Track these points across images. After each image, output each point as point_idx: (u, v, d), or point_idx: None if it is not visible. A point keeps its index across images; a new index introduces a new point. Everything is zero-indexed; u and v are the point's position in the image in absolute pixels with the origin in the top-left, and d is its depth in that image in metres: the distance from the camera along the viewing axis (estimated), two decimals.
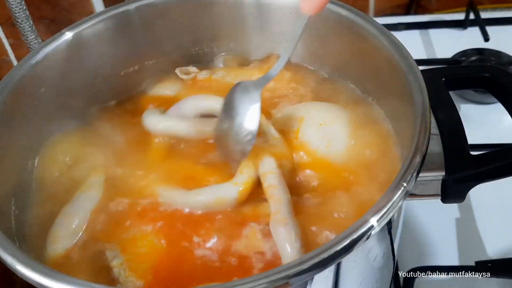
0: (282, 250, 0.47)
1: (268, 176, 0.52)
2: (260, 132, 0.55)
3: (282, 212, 0.48)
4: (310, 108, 0.59)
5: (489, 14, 1.00)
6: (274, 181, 0.51)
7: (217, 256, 0.48)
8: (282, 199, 0.50)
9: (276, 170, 0.52)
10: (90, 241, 0.50)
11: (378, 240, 0.46)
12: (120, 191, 0.53)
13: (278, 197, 0.50)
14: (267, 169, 0.52)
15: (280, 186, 0.51)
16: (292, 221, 0.48)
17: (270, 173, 0.52)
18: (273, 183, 0.51)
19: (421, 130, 0.44)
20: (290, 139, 0.56)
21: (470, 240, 0.67)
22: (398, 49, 0.52)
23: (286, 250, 0.46)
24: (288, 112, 0.59)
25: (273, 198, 0.50)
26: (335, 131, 0.56)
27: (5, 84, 0.54)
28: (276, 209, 0.49)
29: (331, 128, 0.56)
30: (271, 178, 0.51)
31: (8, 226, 0.50)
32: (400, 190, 0.41)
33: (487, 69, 0.54)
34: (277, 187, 0.51)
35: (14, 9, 0.77)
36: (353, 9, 0.58)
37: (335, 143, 0.55)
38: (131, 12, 0.62)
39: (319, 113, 0.58)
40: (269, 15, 0.64)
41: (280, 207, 0.49)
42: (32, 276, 0.39)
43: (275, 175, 0.52)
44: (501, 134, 0.77)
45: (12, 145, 0.54)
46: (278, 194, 0.50)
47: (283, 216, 0.48)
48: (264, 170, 0.52)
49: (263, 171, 0.52)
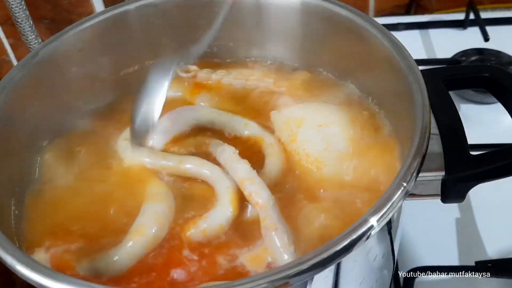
0: (276, 255, 0.46)
1: (246, 183, 0.51)
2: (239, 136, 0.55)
3: (271, 217, 0.48)
4: (309, 109, 0.59)
5: (489, 14, 1.00)
6: (254, 187, 0.50)
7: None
8: (266, 204, 0.49)
9: (252, 175, 0.51)
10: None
11: (378, 240, 0.46)
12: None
13: (262, 203, 0.49)
14: (243, 177, 0.51)
15: (262, 191, 0.50)
16: (281, 226, 0.48)
17: (247, 180, 0.51)
18: (253, 190, 0.50)
19: (421, 130, 0.44)
20: (288, 142, 0.56)
21: (470, 240, 0.67)
22: (398, 49, 0.52)
23: (280, 255, 0.46)
24: (287, 114, 0.59)
25: (258, 205, 0.49)
26: (335, 133, 0.56)
27: (5, 84, 0.54)
28: (264, 215, 0.48)
29: (330, 129, 0.56)
30: (249, 185, 0.50)
31: (8, 226, 0.50)
32: (400, 190, 0.41)
33: (487, 69, 0.54)
34: (258, 193, 0.50)
35: (14, 9, 0.77)
36: (353, 9, 0.58)
37: (334, 144, 0.55)
38: (131, 12, 0.62)
39: (319, 114, 0.58)
40: (269, 15, 0.64)
41: (267, 213, 0.48)
42: (32, 276, 0.39)
43: (252, 181, 0.51)
44: (501, 134, 0.77)
45: (12, 145, 0.54)
46: (261, 200, 0.49)
47: (272, 221, 0.48)
48: (240, 178, 0.51)
49: (240, 179, 0.51)
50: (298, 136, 0.56)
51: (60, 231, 0.51)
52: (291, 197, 0.52)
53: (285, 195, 0.52)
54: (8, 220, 0.51)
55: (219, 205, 0.51)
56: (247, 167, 0.52)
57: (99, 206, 0.53)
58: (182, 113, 0.60)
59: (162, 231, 0.49)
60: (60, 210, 0.53)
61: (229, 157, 0.53)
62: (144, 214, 0.50)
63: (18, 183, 0.54)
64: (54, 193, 0.55)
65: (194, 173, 0.54)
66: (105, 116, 0.63)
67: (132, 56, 0.65)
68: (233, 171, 0.52)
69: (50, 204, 0.54)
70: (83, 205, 0.53)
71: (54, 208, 0.53)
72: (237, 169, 0.52)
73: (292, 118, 0.58)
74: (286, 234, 0.47)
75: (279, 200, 0.50)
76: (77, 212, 0.53)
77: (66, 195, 0.54)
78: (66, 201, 0.54)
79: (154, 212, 0.50)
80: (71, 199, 0.54)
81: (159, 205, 0.51)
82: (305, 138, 0.56)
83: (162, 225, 0.49)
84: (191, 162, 0.54)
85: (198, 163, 0.54)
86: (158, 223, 0.49)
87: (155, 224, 0.49)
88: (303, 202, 0.51)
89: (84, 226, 0.51)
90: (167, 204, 0.51)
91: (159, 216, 0.50)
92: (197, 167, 0.54)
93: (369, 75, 0.59)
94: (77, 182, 0.56)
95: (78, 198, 0.54)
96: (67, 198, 0.54)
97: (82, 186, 0.55)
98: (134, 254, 0.47)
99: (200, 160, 0.54)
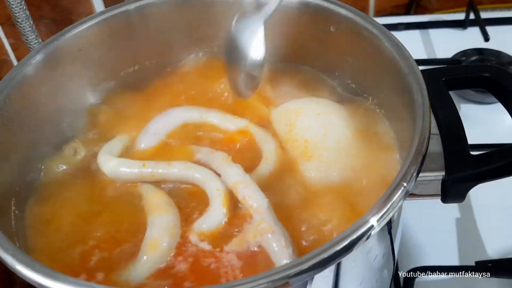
0: (275, 258, 0.46)
1: (239, 187, 0.50)
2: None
3: (267, 220, 0.48)
4: (307, 101, 0.60)
5: (489, 14, 1.00)
6: (247, 191, 0.50)
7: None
8: (261, 206, 0.49)
9: (244, 178, 0.51)
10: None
11: (378, 240, 0.46)
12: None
13: (257, 206, 0.49)
14: (236, 180, 0.51)
15: (255, 194, 0.50)
16: (278, 228, 0.47)
17: (240, 183, 0.51)
18: (247, 193, 0.50)
19: (421, 130, 0.44)
20: (286, 131, 0.56)
21: (470, 240, 0.67)
22: (398, 49, 0.52)
23: (277, 258, 0.46)
24: (286, 106, 0.60)
25: (252, 208, 0.49)
26: (333, 121, 0.56)
27: (5, 84, 0.54)
28: (260, 218, 0.48)
29: (329, 117, 0.56)
30: (243, 188, 0.50)
31: (8, 226, 0.50)
32: (400, 190, 0.41)
33: (487, 69, 0.54)
34: (252, 196, 0.49)
35: (14, 9, 0.77)
36: (353, 9, 0.58)
37: (333, 131, 0.55)
38: (131, 12, 0.62)
39: (316, 105, 0.58)
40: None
41: (263, 215, 0.48)
42: (32, 276, 0.39)
43: (245, 183, 0.50)
44: (501, 134, 0.77)
45: (12, 145, 0.54)
46: (256, 203, 0.49)
47: (269, 224, 0.47)
48: (233, 182, 0.51)
49: (232, 183, 0.51)
50: (296, 124, 0.57)
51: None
52: (287, 195, 0.52)
53: (281, 193, 0.52)
54: (8, 220, 0.51)
55: (211, 209, 0.50)
56: (240, 171, 0.52)
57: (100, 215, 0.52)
58: (173, 114, 0.60)
59: (175, 240, 0.49)
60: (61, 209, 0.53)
61: (221, 161, 0.53)
62: (154, 227, 0.49)
63: (19, 183, 0.54)
64: (55, 192, 0.55)
65: (183, 177, 0.53)
66: (106, 116, 0.63)
67: (132, 56, 0.65)
68: (226, 175, 0.52)
69: (51, 204, 0.54)
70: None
71: (54, 208, 0.53)
72: (230, 173, 0.52)
73: (290, 109, 0.59)
74: (283, 237, 0.46)
75: (274, 200, 0.50)
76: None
77: (67, 194, 0.55)
78: (67, 200, 0.54)
79: (164, 224, 0.49)
80: (71, 198, 0.54)
81: (166, 217, 0.50)
82: (304, 125, 0.56)
83: (174, 236, 0.49)
84: (178, 166, 0.54)
85: (186, 166, 0.54)
86: (170, 234, 0.49)
87: (167, 236, 0.49)
88: (300, 199, 0.51)
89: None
90: (172, 213, 0.51)
91: (169, 227, 0.49)
92: (185, 170, 0.53)
93: (369, 75, 0.59)
94: (78, 181, 0.56)
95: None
96: (68, 197, 0.54)
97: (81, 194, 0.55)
98: (151, 268, 0.47)
99: (188, 164, 0.54)
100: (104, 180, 0.55)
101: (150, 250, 0.48)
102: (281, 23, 0.63)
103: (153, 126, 0.59)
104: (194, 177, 0.53)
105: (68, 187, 0.55)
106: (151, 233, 0.49)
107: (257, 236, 0.47)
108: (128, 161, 0.55)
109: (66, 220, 0.52)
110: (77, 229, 0.51)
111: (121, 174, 0.54)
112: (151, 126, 0.59)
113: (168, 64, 0.67)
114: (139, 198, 0.53)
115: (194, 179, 0.53)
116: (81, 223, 0.52)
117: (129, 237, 0.50)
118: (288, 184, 0.53)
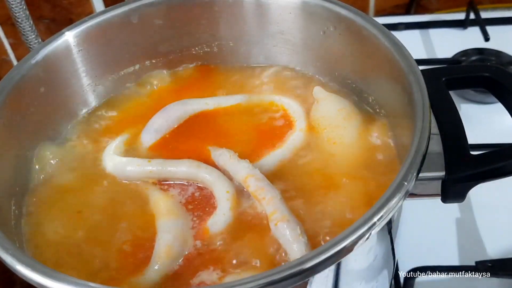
0: (289, 247, 0.46)
1: (250, 180, 0.50)
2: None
3: (280, 210, 0.48)
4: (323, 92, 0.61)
5: (489, 14, 1.00)
6: (259, 183, 0.50)
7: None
8: (274, 197, 0.49)
9: (254, 172, 0.51)
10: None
11: (378, 240, 0.46)
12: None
13: (270, 197, 0.49)
14: (246, 173, 0.51)
15: (267, 186, 0.50)
16: (292, 217, 0.48)
17: (251, 176, 0.51)
18: (259, 185, 0.50)
19: (421, 130, 0.44)
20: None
21: (470, 240, 0.67)
22: (398, 49, 0.52)
23: (292, 247, 0.46)
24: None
25: (265, 199, 0.49)
26: (350, 115, 0.58)
27: (5, 84, 0.54)
28: (273, 209, 0.48)
29: (346, 112, 0.58)
30: (254, 181, 0.50)
31: (8, 226, 0.50)
32: (400, 190, 0.41)
33: (487, 69, 0.54)
34: (264, 188, 0.50)
35: (14, 9, 0.77)
36: (353, 9, 0.58)
37: (351, 123, 0.57)
38: (131, 12, 0.62)
39: (332, 96, 0.60)
40: (269, 15, 0.64)
41: (276, 206, 0.48)
42: (32, 276, 0.39)
43: (255, 176, 0.51)
44: (501, 134, 0.77)
45: (12, 145, 0.54)
46: (268, 194, 0.49)
47: (282, 213, 0.48)
48: (243, 175, 0.51)
49: (242, 176, 0.51)
50: (311, 110, 0.59)
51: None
52: (301, 185, 0.53)
53: (296, 180, 0.53)
54: (8, 220, 0.51)
55: (220, 212, 0.50)
56: (249, 165, 0.52)
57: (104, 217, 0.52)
58: (174, 108, 0.60)
59: (186, 245, 0.49)
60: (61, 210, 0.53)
61: (228, 158, 0.53)
62: (166, 232, 0.49)
63: (18, 183, 0.54)
64: (55, 192, 0.55)
65: (191, 176, 0.53)
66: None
67: (132, 56, 0.65)
68: (235, 171, 0.52)
69: (51, 203, 0.54)
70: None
71: (54, 208, 0.53)
72: (239, 168, 0.52)
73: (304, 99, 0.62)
74: (298, 225, 0.47)
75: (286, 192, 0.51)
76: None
77: (67, 194, 0.55)
78: (67, 200, 0.54)
79: (175, 229, 0.49)
80: (72, 198, 0.54)
81: (176, 221, 0.50)
82: (322, 111, 0.59)
83: (185, 241, 0.49)
84: (186, 165, 0.53)
85: (194, 165, 0.53)
86: (182, 239, 0.49)
87: (178, 242, 0.48)
88: (318, 190, 0.52)
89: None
90: (182, 216, 0.51)
91: (181, 232, 0.49)
92: (193, 169, 0.53)
93: (369, 75, 0.59)
94: (78, 181, 0.56)
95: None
96: (68, 197, 0.54)
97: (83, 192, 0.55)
98: (164, 273, 0.47)
99: (196, 162, 0.53)
100: (107, 180, 0.55)
101: (163, 258, 0.47)
102: (280, 23, 0.64)
103: (155, 122, 0.59)
104: (203, 178, 0.53)
105: (70, 187, 0.55)
106: (163, 239, 0.49)
107: (270, 226, 0.47)
108: (134, 160, 0.55)
109: (67, 220, 0.52)
110: (77, 229, 0.51)
111: (127, 173, 0.55)
112: (153, 122, 0.59)
113: (169, 64, 0.67)
114: (144, 198, 0.53)
115: (203, 179, 0.53)
116: (82, 223, 0.52)
117: (135, 238, 0.50)
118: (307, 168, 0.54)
